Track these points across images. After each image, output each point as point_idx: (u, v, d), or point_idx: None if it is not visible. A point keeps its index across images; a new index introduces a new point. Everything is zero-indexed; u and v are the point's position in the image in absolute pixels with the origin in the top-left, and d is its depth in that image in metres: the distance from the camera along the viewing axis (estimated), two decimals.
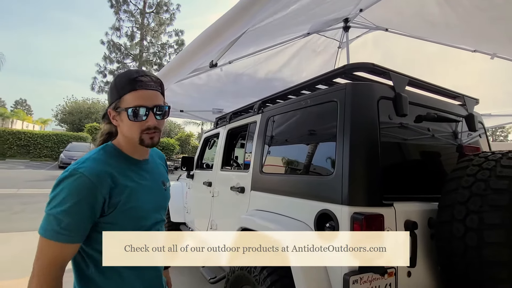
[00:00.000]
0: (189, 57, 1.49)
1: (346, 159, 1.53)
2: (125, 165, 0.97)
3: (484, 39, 2.41)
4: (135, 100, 0.91)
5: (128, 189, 0.93)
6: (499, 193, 1.31)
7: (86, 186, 0.84)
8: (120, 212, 0.90)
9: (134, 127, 0.93)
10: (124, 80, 0.93)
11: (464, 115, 2.07)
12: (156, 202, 1.05)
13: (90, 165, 0.88)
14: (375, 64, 1.68)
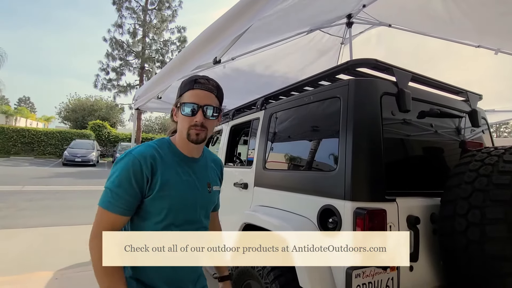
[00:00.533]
0: (192, 53, 1.50)
1: (349, 155, 1.54)
2: (172, 157, 1.06)
3: (488, 34, 2.39)
4: (190, 98, 1.02)
5: (167, 177, 1.01)
6: (501, 188, 1.31)
7: (133, 164, 0.96)
8: (156, 197, 0.99)
9: (185, 121, 1.03)
10: (187, 81, 1.06)
11: (467, 111, 2.07)
12: (195, 199, 1.09)
13: (140, 149, 1.01)
14: (378, 60, 1.68)
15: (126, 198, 0.96)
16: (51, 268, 3.39)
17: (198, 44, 1.42)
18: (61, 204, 7.19)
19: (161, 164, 1.01)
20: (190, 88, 1.03)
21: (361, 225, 1.40)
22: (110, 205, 0.95)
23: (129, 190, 0.96)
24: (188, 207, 1.07)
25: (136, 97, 2.98)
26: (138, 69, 25.25)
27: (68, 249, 4.14)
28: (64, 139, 21.24)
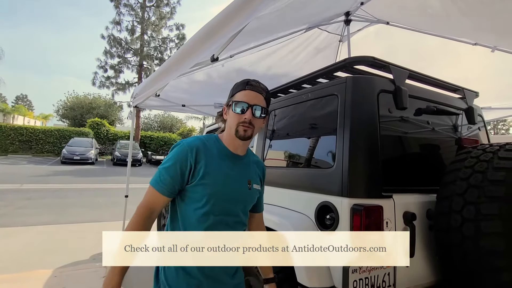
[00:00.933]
0: (190, 51, 1.50)
1: (346, 152, 1.55)
2: (217, 151, 1.15)
3: (485, 32, 2.40)
4: (242, 97, 1.12)
5: (210, 167, 1.10)
6: (496, 184, 1.33)
7: (181, 152, 1.09)
8: (198, 184, 1.08)
9: (235, 118, 1.12)
10: (240, 82, 1.16)
11: (463, 108, 2.08)
12: (234, 192, 1.16)
13: (190, 139, 1.14)
14: (375, 57, 1.69)
15: (169, 181, 1.07)
16: (50, 266, 3.40)
17: (196, 42, 1.42)
18: (60, 202, 7.19)
19: (206, 155, 1.11)
20: (242, 89, 1.13)
21: (358, 222, 1.42)
22: (156, 184, 1.08)
23: (173, 175, 1.07)
24: (227, 198, 1.13)
25: (134, 94, 2.98)
26: (136, 66, 25.19)
27: (67, 247, 4.15)
28: (63, 137, 21.18)
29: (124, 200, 3.62)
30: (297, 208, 1.78)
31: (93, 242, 4.37)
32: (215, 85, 3.47)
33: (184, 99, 3.79)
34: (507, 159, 1.38)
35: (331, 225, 1.55)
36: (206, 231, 1.09)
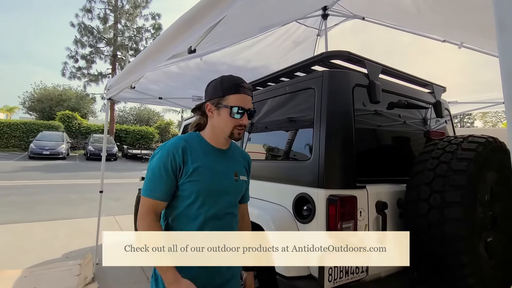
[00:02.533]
0: (167, 41, 1.47)
1: (323, 145, 1.60)
2: (201, 148, 1.16)
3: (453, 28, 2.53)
4: (238, 102, 1.12)
5: (197, 164, 1.11)
6: (459, 173, 1.43)
7: (168, 155, 1.09)
8: (187, 181, 1.10)
9: (231, 122, 1.14)
10: (231, 83, 1.14)
11: (432, 102, 2.19)
12: (222, 186, 1.18)
13: (172, 141, 1.14)
14: (351, 52, 1.74)
15: (163, 186, 1.08)
16: (19, 266, 3.25)
17: (173, 32, 1.39)
18: (28, 200, 6.84)
19: (191, 153, 1.12)
20: (236, 92, 1.13)
21: (334, 211, 1.47)
22: (151, 192, 1.08)
23: (165, 179, 1.08)
24: (216, 192, 1.16)
25: (108, 86, 2.86)
26: (110, 57, 24.14)
27: (37, 246, 3.98)
28: (30, 131, 19.99)
29: (98, 196, 3.51)
30: (275, 200, 1.82)
31: (66, 240, 4.22)
32: (193, 77, 3.41)
33: (161, 91, 3.70)
34: (469, 150, 1.48)
35: (308, 216, 1.59)
36: (199, 226, 1.11)
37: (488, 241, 1.59)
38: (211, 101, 1.15)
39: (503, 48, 0.46)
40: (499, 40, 0.46)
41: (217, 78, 1.18)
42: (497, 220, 1.67)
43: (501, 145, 1.64)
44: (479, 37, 2.54)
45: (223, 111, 1.13)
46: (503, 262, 1.67)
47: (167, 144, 1.13)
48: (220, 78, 1.17)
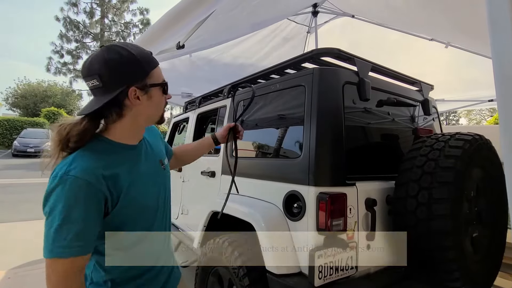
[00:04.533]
0: (155, 36, 1.42)
1: (313, 142, 1.59)
2: (119, 156, 0.87)
3: (439, 28, 2.57)
4: (161, 75, 0.90)
5: (127, 182, 0.85)
6: (446, 170, 1.45)
7: (82, 188, 0.75)
8: (122, 207, 0.83)
9: (163, 102, 0.92)
10: (144, 54, 0.86)
11: (420, 100, 2.22)
12: (159, 186, 0.98)
13: (80, 164, 0.77)
14: (341, 49, 1.74)
15: (85, 234, 0.76)
16: (3, 267, 3.16)
17: (161, 27, 1.35)
18: (12, 199, 6.64)
19: (114, 170, 0.83)
20: (156, 64, 0.89)
21: (324, 209, 1.47)
22: (63, 249, 0.73)
23: (86, 223, 0.76)
24: (155, 198, 0.96)
25: None
26: None
27: (21, 246, 3.87)
28: (13, 128, 19.38)
29: None
30: (265, 198, 1.81)
31: None
32: (179, 73, 3.36)
33: None
34: (456, 148, 1.50)
35: (298, 213, 1.59)
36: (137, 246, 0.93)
37: (473, 236, 1.63)
38: (136, 84, 0.84)
39: (495, 47, 0.46)
40: (492, 39, 0.46)
41: (111, 52, 0.81)
42: (482, 215, 1.72)
43: (487, 142, 1.68)
44: (466, 37, 2.59)
45: (155, 92, 0.88)
46: (488, 256, 1.71)
47: (75, 173, 0.76)
48: (126, 51, 0.82)
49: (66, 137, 0.82)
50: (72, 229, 0.74)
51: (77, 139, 0.81)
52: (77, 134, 0.81)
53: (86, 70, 0.82)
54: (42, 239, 0.75)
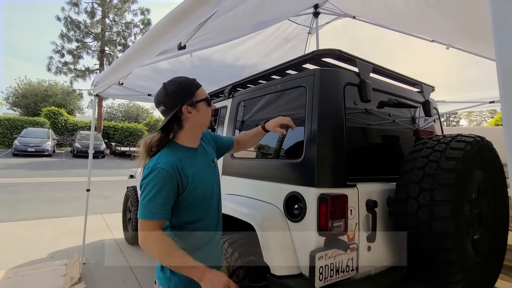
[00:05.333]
0: (157, 37, 1.42)
1: (314, 143, 1.59)
2: (186, 155, 1.23)
3: (440, 30, 2.56)
4: (204, 92, 1.26)
5: (192, 173, 1.19)
6: (448, 172, 1.45)
7: (164, 175, 1.10)
8: (189, 191, 1.17)
9: (209, 112, 1.28)
10: (189, 81, 1.24)
11: (421, 101, 2.22)
12: (212, 178, 1.32)
13: (163, 160, 1.14)
14: (342, 51, 1.74)
15: (165, 205, 1.11)
16: (3, 267, 3.16)
17: (162, 28, 1.35)
18: (13, 198, 6.64)
19: (184, 165, 1.18)
20: (198, 86, 1.24)
21: (324, 210, 1.47)
22: (150, 214, 1.09)
23: (166, 198, 1.11)
24: (211, 188, 1.29)
25: (95, 82, 2.78)
26: (97, 52, 23.57)
27: (21, 246, 3.87)
28: (14, 127, 19.40)
29: (85, 194, 3.43)
30: (266, 199, 1.80)
31: (51, 239, 4.11)
32: (183, 73, 3.34)
33: (150, 88, 3.63)
34: (457, 149, 1.50)
35: (299, 214, 1.59)
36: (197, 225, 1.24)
37: (474, 238, 1.63)
38: (187, 103, 1.21)
39: (499, 48, 0.46)
40: (495, 39, 0.46)
41: (168, 86, 1.23)
42: (483, 217, 1.71)
43: (488, 144, 1.68)
44: (468, 39, 2.59)
45: (201, 106, 1.23)
46: (489, 258, 1.71)
47: (159, 164, 1.13)
48: (177, 83, 1.23)
49: (149, 145, 1.23)
50: (157, 201, 1.09)
51: (157, 145, 1.22)
52: (156, 141, 1.23)
53: (156, 101, 1.25)
54: (45, 239, 0.90)
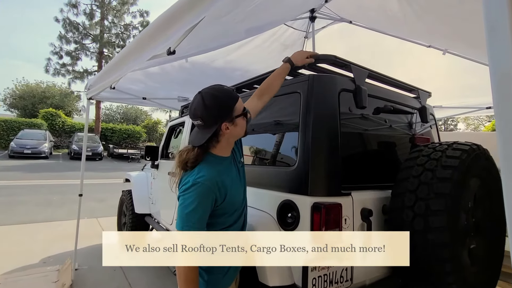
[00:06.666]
0: (146, 42, 1.40)
1: (308, 151, 1.56)
2: (223, 167, 1.25)
3: (437, 35, 2.55)
4: (241, 105, 1.24)
5: (229, 184, 1.23)
6: (444, 181, 1.42)
7: (204, 190, 1.13)
8: (226, 202, 1.21)
9: (245, 123, 1.27)
10: (227, 94, 1.21)
11: (417, 107, 2.20)
12: (242, 185, 1.37)
13: (205, 174, 1.15)
14: (337, 56, 1.71)
15: (201, 220, 1.14)
16: None
17: (152, 32, 1.32)
18: (7, 201, 6.57)
19: (221, 178, 1.19)
20: (237, 99, 1.22)
21: (318, 219, 1.44)
22: (188, 227, 1.11)
23: (203, 213, 1.14)
24: (241, 198, 1.34)
25: (88, 85, 2.75)
26: (96, 54, 23.54)
27: (14, 250, 3.81)
28: (11, 129, 19.28)
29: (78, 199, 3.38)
30: (259, 206, 1.77)
31: (44, 244, 4.06)
32: (178, 78, 3.32)
33: (145, 91, 3.59)
34: (453, 158, 1.47)
35: (292, 223, 1.55)
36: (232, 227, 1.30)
37: (471, 247, 1.60)
38: (227, 120, 1.19)
39: (492, 52, 0.44)
40: (489, 44, 0.44)
41: (207, 99, 1.17)
42: (479, 226, 1.68)
43: (484, 152, 1.65)
44: (464, 45, 2.58)
45: (239, 121, 1.23)
46: (486, 267, 1.68)
47: (201, 179, 1.14)
48: (217, 99, 1.18)
49: (184, 160, 1.21)
50: (196, 215, 1.12)
51: (193, 161, 1.21)
52: (193, 158, 1.21)
53: (192, 114, 1.21)
54: (38, 244, 0.91)
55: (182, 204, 1.13)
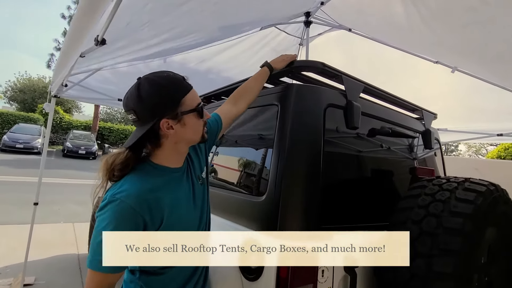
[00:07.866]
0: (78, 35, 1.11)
1: (280, 178, 1.23)
2: (164, 180, 0.94)
3: (446, 48, 2.24)
4: (195, 98, 0.94)
5: (170, 205, 0.91)
6: (452, 233, 1.08)
7: (123, 211, 0.82)
8: (168, 226, 0.90)
9: (200, 125, 0.96)
10: (175, 82, 0.92)
11: (421, 131, 1.87)
12: (198, 207, 1.04)
13: (128, 189, 0.85)
14: (326, 64, 1.39)
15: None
16: None
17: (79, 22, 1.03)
18: None
19: (157, 195, 0.89)
20: (187, 90, 0.92)
21: (286, 271, 1.10)
22: (98, 264, 0.82)
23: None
24: (196, 219, 1.03)
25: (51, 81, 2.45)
26: None
27: None
28: (6, 122, 18.99)
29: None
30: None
31: (6, 250, 3.69)
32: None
33: (120, 92, 3.28)
34: (466, 202, 1.13)
35: (255, 271, 1.21)
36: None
37: None
38: (167, 116, 0.89)
39: None
40: None
41: (143, 86, 0.87)
42: (493, 285, 1.33)
43: (503, 194, 1.31)
44: (476, 62, 2.27)
45: (188, 118, 0.92)
46: None
47: (119, 195, 0.83)
48: (157, 84, 0.88)
49: (111, 167, 0.89)
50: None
51: (121, 167, 0.89)
52: (120, 163, 0.89)
53: (125, 105, 0.92)
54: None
55: (95, 229, 0.84)
